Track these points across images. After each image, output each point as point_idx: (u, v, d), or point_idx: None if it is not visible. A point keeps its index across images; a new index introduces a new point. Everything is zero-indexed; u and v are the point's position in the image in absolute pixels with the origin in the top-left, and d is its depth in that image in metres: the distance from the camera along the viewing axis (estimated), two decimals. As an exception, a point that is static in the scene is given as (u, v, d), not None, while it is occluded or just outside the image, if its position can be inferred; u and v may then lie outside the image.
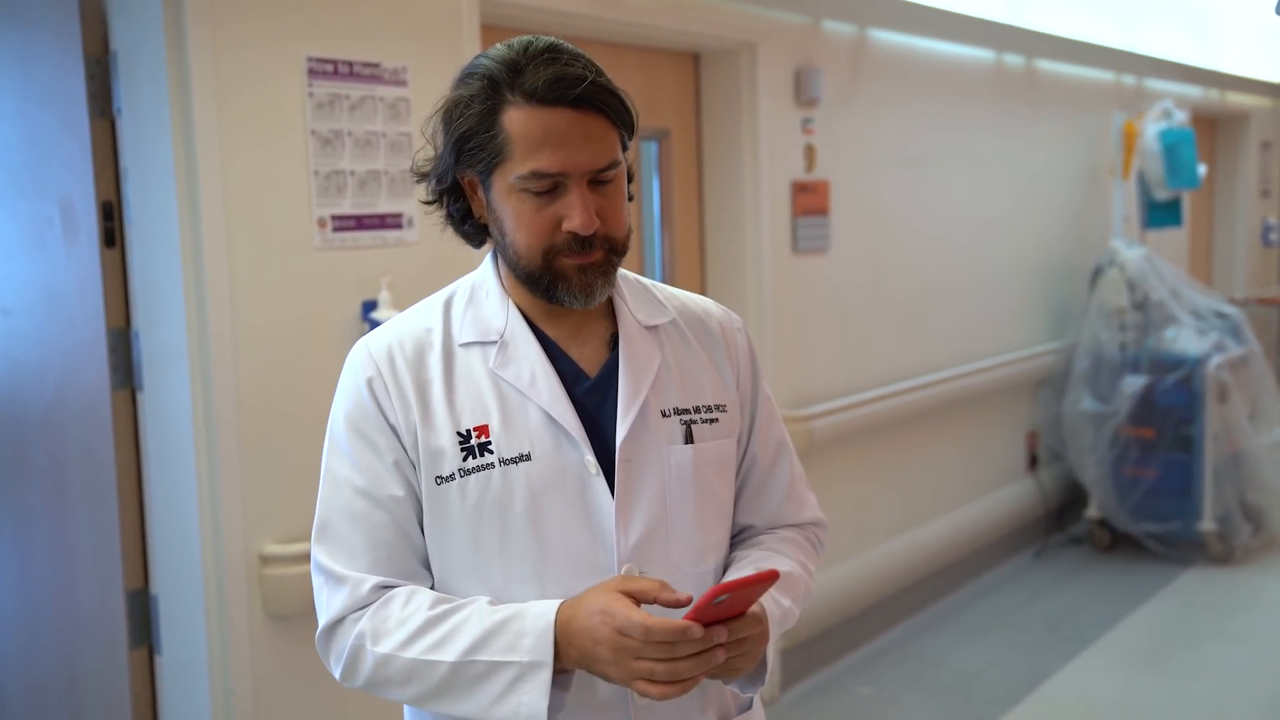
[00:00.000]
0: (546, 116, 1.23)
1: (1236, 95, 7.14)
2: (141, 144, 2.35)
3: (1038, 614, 4.44)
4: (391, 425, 1.30)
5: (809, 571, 1.44)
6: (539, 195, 1.26)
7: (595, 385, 1.33)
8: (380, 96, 2.58)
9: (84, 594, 2.56)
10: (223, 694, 2.37)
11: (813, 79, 3.79)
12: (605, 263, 1.29)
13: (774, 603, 1.34)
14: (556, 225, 1.26)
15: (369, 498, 1.30)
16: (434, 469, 1.29)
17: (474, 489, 1.28)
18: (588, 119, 1.24)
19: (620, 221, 1.30)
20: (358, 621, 1.27)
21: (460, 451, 1.28)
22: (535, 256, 1.28)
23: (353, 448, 1.31)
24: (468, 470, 1.28)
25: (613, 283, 1.31)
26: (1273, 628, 4.25)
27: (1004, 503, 5.01)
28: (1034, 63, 5.12)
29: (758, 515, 1.47)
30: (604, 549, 1.29)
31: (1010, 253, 5.08)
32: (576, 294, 1.29)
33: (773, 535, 1.46)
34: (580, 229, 1.25)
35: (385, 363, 1.32)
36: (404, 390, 1.30)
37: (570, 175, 1.25)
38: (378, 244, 2.59)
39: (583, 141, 1.24)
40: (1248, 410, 5.20)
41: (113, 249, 2.41)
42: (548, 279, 1.29)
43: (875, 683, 3.83)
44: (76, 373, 2.49)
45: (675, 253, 3.67)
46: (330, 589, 1.30)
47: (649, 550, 1.30)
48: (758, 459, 1.46)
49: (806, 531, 1.49)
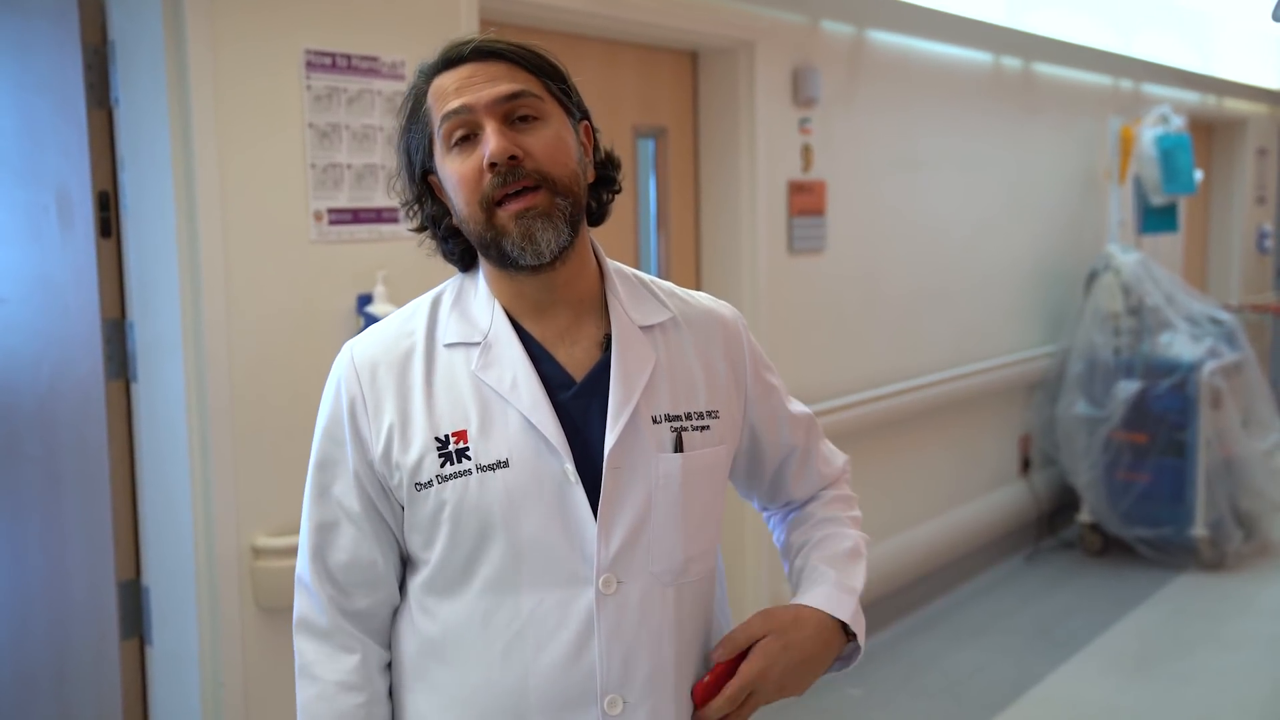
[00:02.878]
0: (452, 73, 1.29)
1: (1233, 101, 7.16)
2: (139, 134, 2.34)
3: (1028, 618, 4.45)
4: (364, 442, 1.30)
5: (859, 519, 1.53)
6: (461, 146, 1.27)
7: (582, 389, 1.30)
8: (378, 90, 2.58)
9: (75, 584, 2.56)
10: (213, 686, 2.37)
11: (810, 79, 3.80)
12: (546, 206, 1.25)
13: (848, 586, 1.41)
14: (480, 170, 1.25)
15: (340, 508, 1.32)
16: (413, 476, 1.28)
17: (451, 495, 1.26)
18: (490, 65, 1.28)
19: (554, 156, 1.26)
20: (309, 641, 1.34)
21: (438, 458, 1.27)
22: (476, 213, 1.26)
23: (325, 457, 1.33)
24: (445, 477, 1.26)
25: (562, 230, 1.26)
26: (1264, 634, 4.26)
27: (996, 506, 5.02)
28: (1031, 66, 5.13)
29: (805, 491, 1.54)
30: (582, 559, 1.27)
31: (1006, 256, 5.09)
32: (521, 244, 1.25)
33: (824, 506, 1.52)
34: (491, 154, 1.23)
35: (368, 374, 1.31)
36: (382, 402, 1.29)
37: (476, 110, 1.26)
38: (374, 237, 2.59)
39: (485, 80, 1.27)
40: (1241, 416, 5.21)
41: (109, 239, 2.40)
42: (491, 235, 1.26)
43: (865, 684, 3.83)
44: (71, 363, 2.49)
45: (671, 251, 3.68)
46: (297, 592, 1.36)
47: (629, 561, 1.28)
48: (796, 447, 1.50)
49: (841, 485, 1.56)
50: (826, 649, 1.38)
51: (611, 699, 1.27)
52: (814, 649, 1.36)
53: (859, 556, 1.47)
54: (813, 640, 1.36)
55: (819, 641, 1.37)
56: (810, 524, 1.50)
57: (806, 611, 1.37)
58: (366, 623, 1.34)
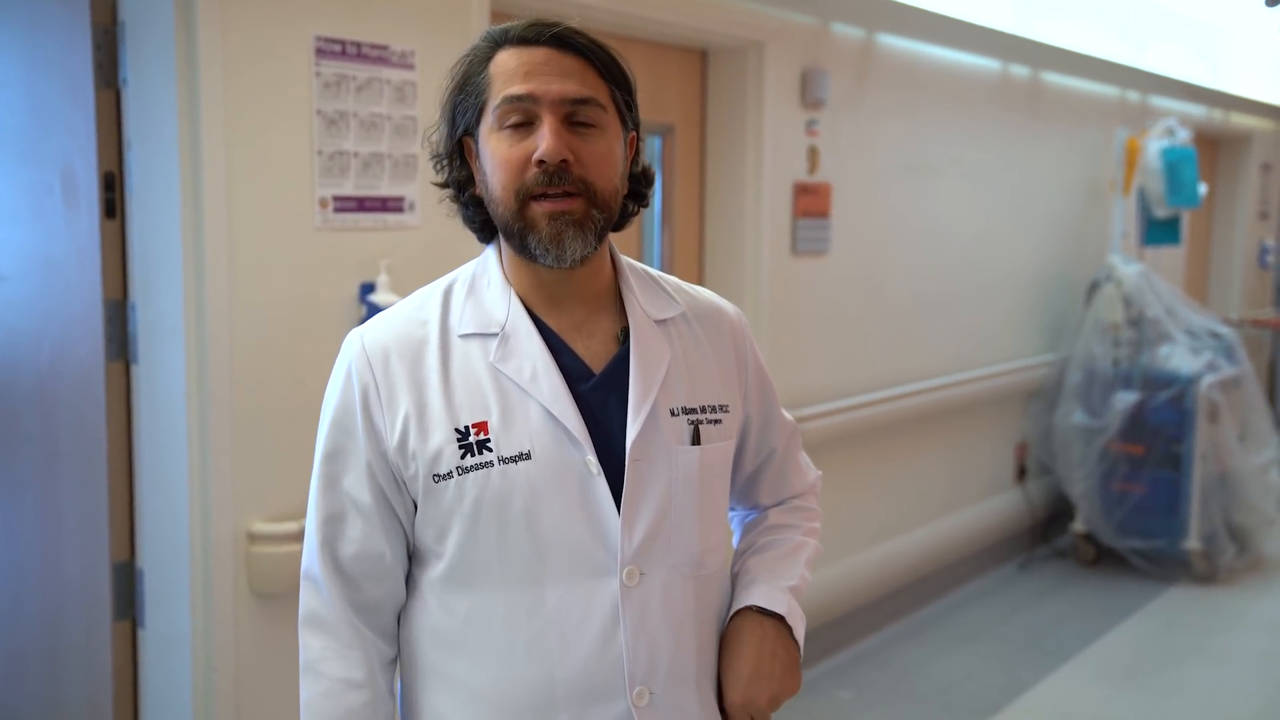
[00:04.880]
0: (524, 52, 1.27)
1: (1240, 116, 7.16)
2: (146, 116, 2.34)
3: (1020, 626, 4.45)
4: (378, 432, 1.28)
5: (817, 530, 1.53)
6: (514, 130, 1.25)
7: (601, 382, 1.30)
8: (387, 79, 2.57)
9: (69, 565, 2.56)
10: (205, 670, 2.37)
11: (819, 81, 3.79)
12: (582, 215, 1.25)
13: (792, 588, 1.41)
14: (528, 161, 1.24)
15: (350, 500, 1.30)
16: (432, 467, 1.26)
17: (472, 487, 1.25)
18: (565, 57, 1.27)
19: (601, 168, 1.26)
20: (314, 635, 1.32)
21: (459, 449, 1.25)
22: (510, 199, 1.25)
23: (335, 447, 1.31)
24: (465, 468, 1.25)
25: (590, 243, 1.26)
26: (1254, 649, 4.27)
27: (991, 513, 5.03)
28: (1040, 75, 5.13)
29: (773, 497, 1.54)
30: (606, 550, 1.26)
31: (1008, 263, 5.09)
32: (547, 245, 1.24)
33: (782, 514, 1.52)
34: (544, 153, 1.22)
35: (380, 363, 1.29)
36: (396, 391, 1.28)
37: (541, 101, 1.24)
38: (378, 226, 2.58)
39: (556, 73, 1.25)
40: (1237, 431, 5.22)
41: (113, 220, 2.40)
42: (520, 226, 1.25)
43: (855, 687, 3.84)
44: (71, 343, 2.48)
45: (675, 248, 3.67)
46: (304, 587, 1.34)
47: (651, 552, 1.28)
48: (776, 451, 1.51)
49: (808, 497, 1.56)
50: (782, 641, 1.38)
51: (639, 690, 1.27)
52: (776, 651, 1.37)
53: (797, 555, 1.46)
54: (770, 644, 1.37)
55: (776, 643, 1.37)
56: (760, 529, 1.51)
57: (747, 621, 1.38)
58: (373, 617, 1.33)
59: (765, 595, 1.39)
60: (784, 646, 1.38)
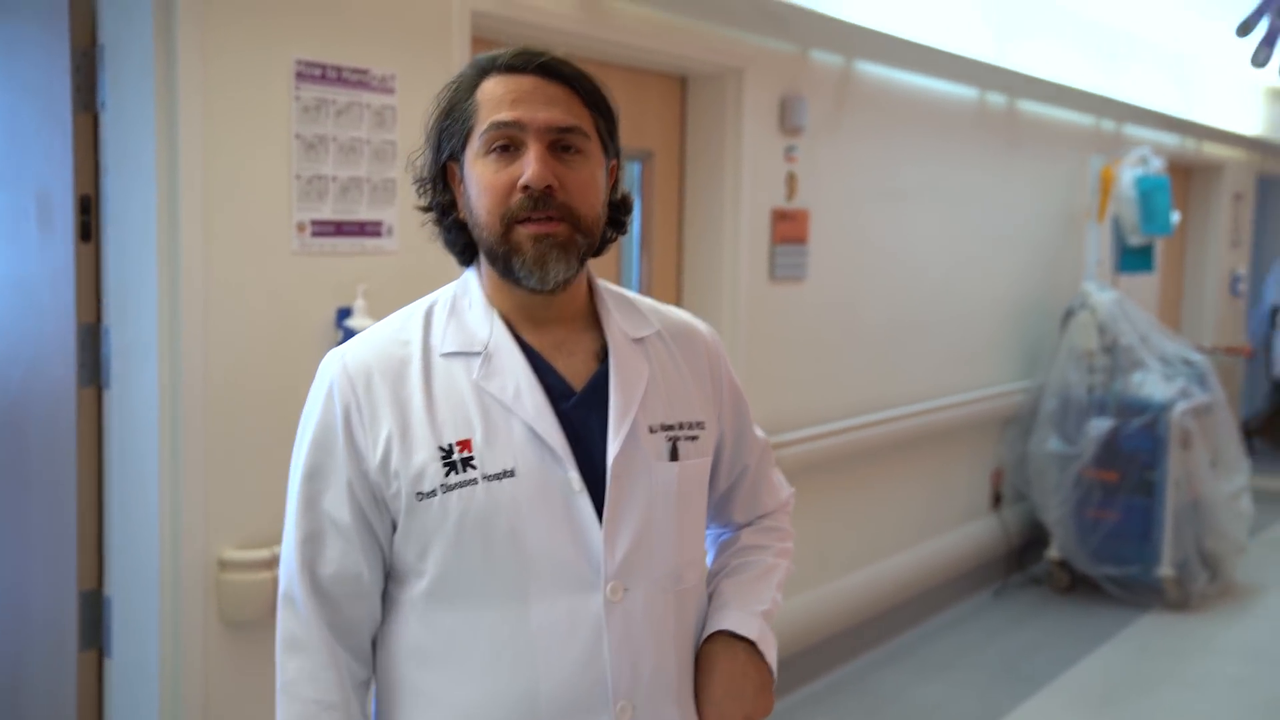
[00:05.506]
0: (511, 80, 1.29)
1: (1212, 146, 7.24)
2: (124, 139, 2.32)
3: (995, 653, 4.45)
4: (359, 451, 1.28)
5: (789, 550, 1.54)
6: (500, 155, 1.27)
7: (582, 399, 1.32)
8: (367, 103, 2.57)
9: (35, 591, 2.52)
10: (172, 700, 2.34)
11: (798, 107, 3.81)
12: (565, 238, 1.27)
13: (764, 612, 1.42)
14: (513, 186, 1.26)
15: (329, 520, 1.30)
16: (415, 486, 1.26)
17: (456, 505, 1.26)
18: (551, 85, 1.29)
19: (584, 195, 1.29)
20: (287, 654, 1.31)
21: (442, 467, 1.26)
22: (495, 223, 1.27)
23: (315, 467, 1.30)
24: (450, 486, 1.26)
25: (573, 266, 1.29)
26: (1226, 674, 4.28)
27: (966, 540, 5.04)
28: (1016, 103, 5.17)
29: (746, 515, 1.55)
30: (589, 566, 1.28)
31: (984, 290, 5.12)
32: (531, 267, 1.27)
33: (754, 534, 1.53)
34: (529, 179, 1.25)
35: (362, 381, 1.29)
36: (378, 410, 1.28)
37: (527, 129, 1.26)
38: (356, 251, 2.57)
39: (543, 101, 1.28)
40: (1210, 457, 5.25)
41: (88, 243, 2.38)
42: (504, 249, 1.28)
43: (831, 714, 3.82)
44: (43, 366, 2.45)
45: (653, 274, 3.67)
46: (281, 608, 1.33)
47: (634, 567, 1.30)
48: (749, 468, 1.53)
49: (780, 516, 1.57)
50: (754, 664, 1.39)
51: (622, 705, 1.28)
52: (748, 673, 1.39)
53: (768, 578, 1.48)
54: (741, 666, 1.39)
55: (748, 665, 1.39)
56: (733, 550, 1.53)
57: (719, 645, 1.39)
58: (349, 638, 1.32)
59: (737, 620, 1.41)
60: (755, 669, 1.39)
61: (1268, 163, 8.25)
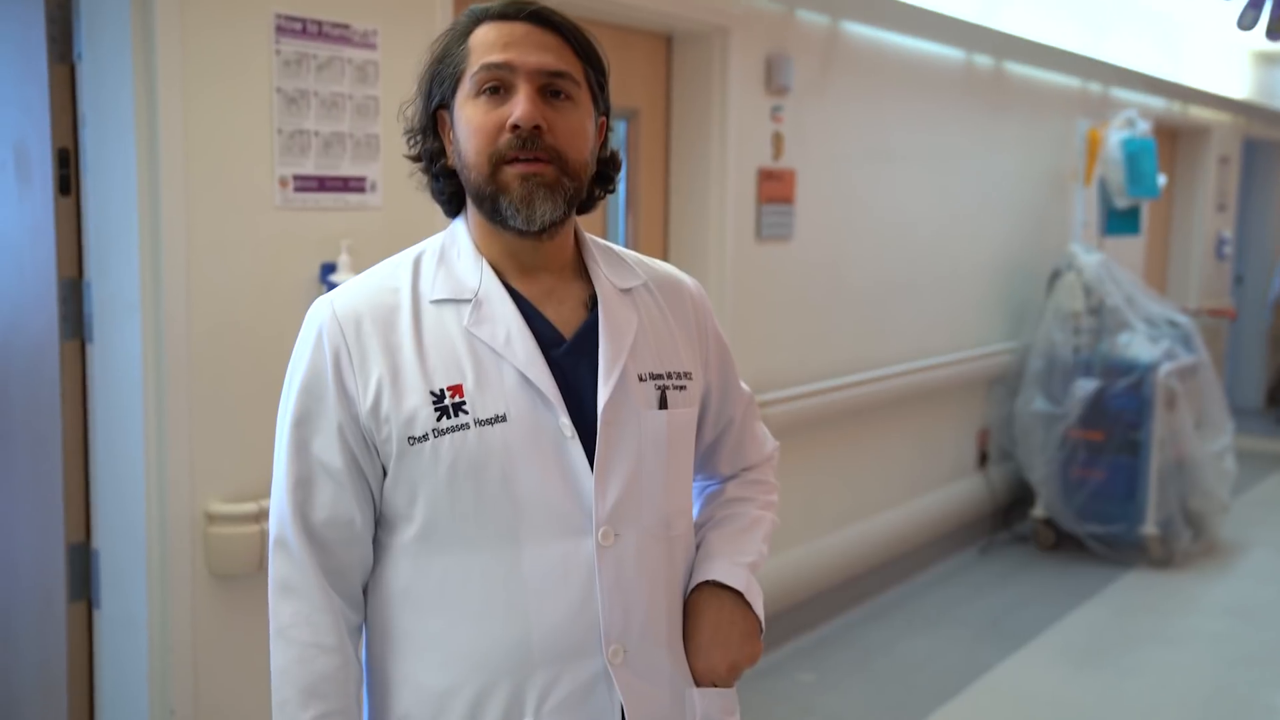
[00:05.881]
0: (503, 26, 1.31)
1: (1199, 109, 7.24)
2: (101, 91, 2.31)
3: (980, 609, 4.49)
4: (350, 395, 1.28)
5: (774, 504, 1.56)
6: (490, 97, 1.28)
7: (572, 347, 1.33)
8: (349, 58, 2.55)
9: (22, 545, 2.52)
10: (161, 651, 2.35)
11: (784, 67, 3.80)
12: (552, 179, 1.28)
13: (750, 564, 1.44)
14: (502, 127, 1.27)
15: (320, 465, 1.30)
16: (406, 430, 1.27)
17: (448, 450, 1.26)
18: (543, 33, 1.31)
19: (572, 140, 1.30)
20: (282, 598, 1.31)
21: (434, 411, 1.26)
22: (483, 164, 1.28)
23: (304, 412, 1.30)
24: (442, 430, 1.26)
25: (559, 207, 1.29)
26: (1208, 631, 4.33)
27: (953, 498, 5.07)
28: (1003, 65, 5.16)
29: (731, 467, 1.56)
30: (581, 511, 1.28)
31: (971, 252, 5.12)
32: (518, 205, 1.27)
33: (739, 487, 1.55)
34: (518, 118, 1.26)
35: (351, 326, 1.29)
36: (368, 355, 1.28)
37: (518, 71, 1.28)
38: (339, 206, 2.56)
39: (534, 46, 1.30)
40: (1194, 418, 5.29)
41: (67, 197, 2.37)
42: (491, 189, 1.28)
43: (817, 669, 3.86)
44: (25, 321, 2.45)
45: (639, 233, 3.67)
46: (275, 553, 1.32)
47: (625, 513, 1.31)
48: (734, 420, 1.54)
49: (765, 469, 1.58)
50: (740, 612, 1.42)
51: (614, 648, 1.30)
52: (734, 620, 1.41)
53: (754, 530, 1.50)
54: (728, 614, 1.41)
55: (734, 613, 1.41)
56: (718, 502, 1.54)
57: (705, 594, 1.41)
58: (341, 582, 1.32)
59: (723, 570, 1.42)
60: (742, 617, 1.42)
61: (1254, 126, 8.26)
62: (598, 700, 1.29)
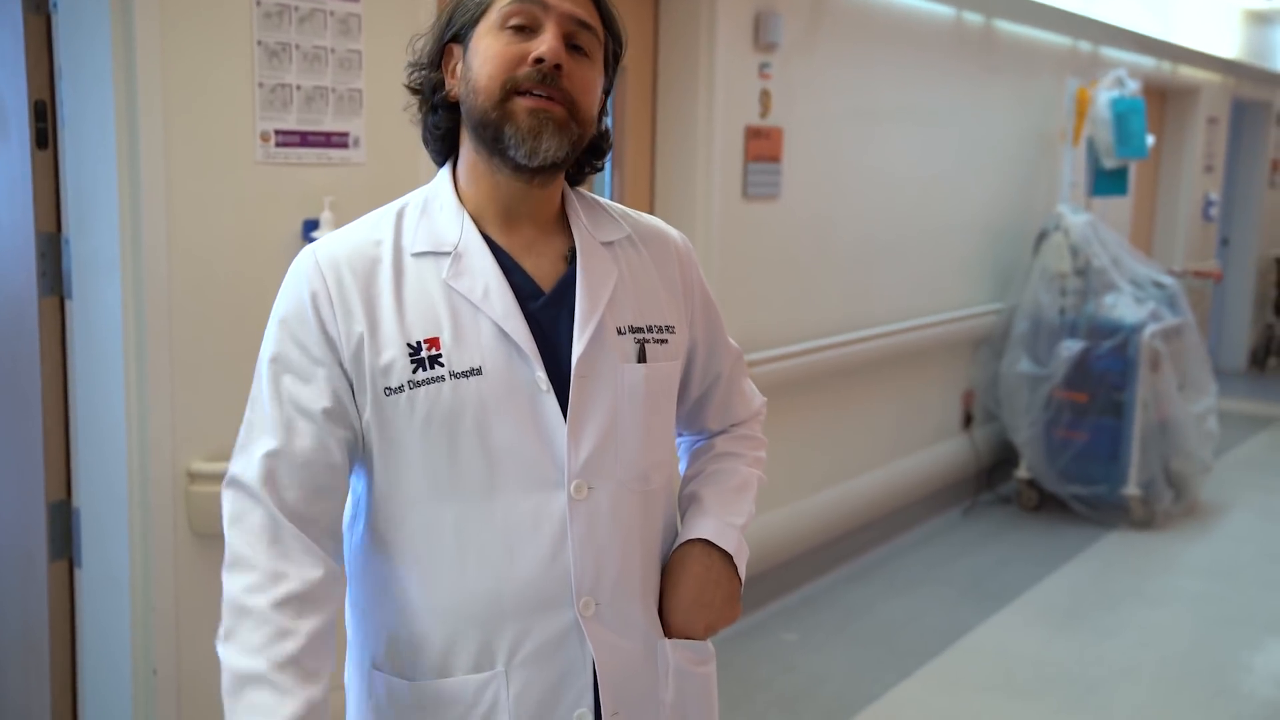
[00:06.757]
0: None
1: (1188, 69, 7.21)
2: (77, 42, 2.26)
3: (963, 569, 4.53)
4: (331, 339, 1.27)
5: (762, 460, 1.56)
6: (515, 33, 1.28)
7: (550, 300, 1.32)
8: (331, 10, 2.51)
9: (3, 503, 2.51)
10: (143, 609, 2.34)
11: (772, 23, 3.76)
12: (562, 119, 1.28)
13: (741, 525, 1.45)
14: (523, 59, 1.27)
15: (297, 408, 1.27)
16: (382, 381, 1.27)
17: (423, 401, 1.26)
18: None
19: (586, 92, 1.30)
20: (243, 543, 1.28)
21: (410, 363, 1.26)
22: (494, 89, 1.27)
23: (284, 355, 1.29)
24: (417, 382, 1.26)
25: (564, 147, 1.29)
26: (1188, 591, 4.37)
27: (937, 459, 5.09)
28: (992, 23, 5.12)
29: (719, 423, 1.56)
30: (554, 464, 1.29)
31: (958, 211, 5.11)
32: (524, 136, 1.27)
33: (729, 442, 1.55)
34: (545, 52, 1.26)
35: (332, 274, 1.28)
36: (349, 304, 1.28)
37: (550, 11, 1.28)
38: (322, 162, 2.53)
39: None
40: (1178, 380, 5.31)
41: (45, 150, 2.33)
42: (497, 116, 1.27)
43: (801, 629, 3.88)
44: (3, 277, 2.42)
45: (625, 190, 3.64)
46: (235, 492, 1.29)
47: (598, 466, 1.30)
48: (721, 375, 1.53)
49: (753, 424, 1.58)
50: (726, 573, 1.43)
51: (585, 601, 1.30)
52: (720, 581, 1.42)
53: (746, 491, 1.50)
54: (714, 574, 1.42)
55: (720, 574, 1.42)
56: (708, 456, 1.54)
57: (695, 550, 1.42)
58: (314, 527, 1.28)
59: (716, 530, 1.43)
60: (727, 578, 1.42)
61: (1243, 86, 8.24)
62: (569, 652, 1.30)
